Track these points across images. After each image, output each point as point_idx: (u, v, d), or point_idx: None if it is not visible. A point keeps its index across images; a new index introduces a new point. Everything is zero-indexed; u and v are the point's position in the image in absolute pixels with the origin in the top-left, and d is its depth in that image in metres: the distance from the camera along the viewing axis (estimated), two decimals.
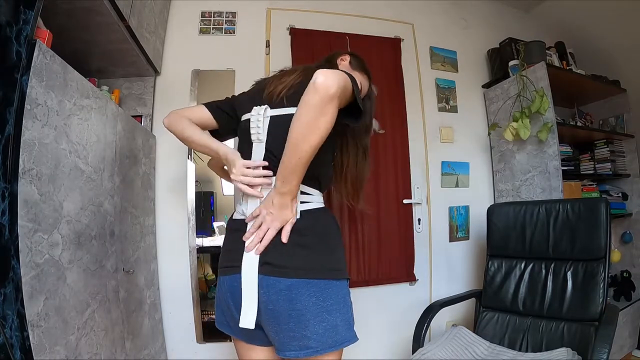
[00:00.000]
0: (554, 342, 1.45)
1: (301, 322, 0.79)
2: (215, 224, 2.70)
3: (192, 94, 1.85)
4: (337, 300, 0.82)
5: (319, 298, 0.80)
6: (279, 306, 0.79)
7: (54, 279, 0.87)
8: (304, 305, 0.78)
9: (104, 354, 1.08)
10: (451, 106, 2.27)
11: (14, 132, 0.77)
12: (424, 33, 2.25)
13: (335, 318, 0.81)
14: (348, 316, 0.85)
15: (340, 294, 0.83)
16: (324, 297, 0.80)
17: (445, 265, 2.15)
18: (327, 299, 0.80)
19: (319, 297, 0.80)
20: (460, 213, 2.20)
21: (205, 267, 2.61)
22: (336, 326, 0.80)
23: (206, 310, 2.08)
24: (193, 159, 1.87)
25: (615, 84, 2.46)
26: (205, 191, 2.21)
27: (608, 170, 2.32)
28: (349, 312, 0.86)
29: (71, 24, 1.24)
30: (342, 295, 0.84)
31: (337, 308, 0.82)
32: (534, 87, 1.98)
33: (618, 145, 2.43)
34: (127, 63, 1.59)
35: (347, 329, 0.83)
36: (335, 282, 0.83)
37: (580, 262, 1.53)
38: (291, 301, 0.79)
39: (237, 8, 1.97)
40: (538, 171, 2.02)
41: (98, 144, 1.14)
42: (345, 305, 0.85)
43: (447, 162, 2.20)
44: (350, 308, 0.87)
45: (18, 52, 0.79)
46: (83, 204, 1.04)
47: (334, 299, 0.82)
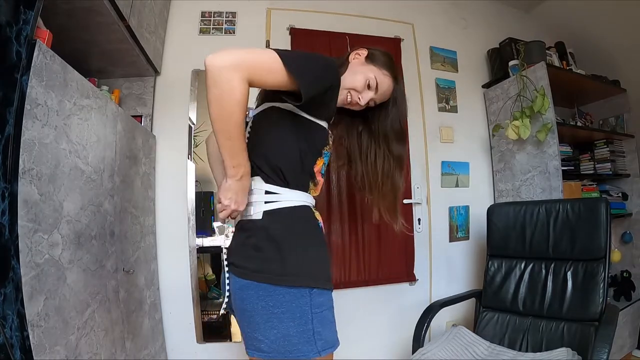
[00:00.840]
0: (554, 342, 1.45)
1: (252, 323, 0.79)
2: (215, 224, 2.69)
3: (192, 94, 1.85)
4: (289, 308, 0.76)
5: (268, 303, 0.76)
6: (236, 304, 0.82)
7: (54, 279, 0.87)
8: (253, 307, 0.77)
9: (104, 354, 1.08)
10: (451, 106, 2.27)
11: (14, 132, 0.77)
12: (424, 33, 2.25)
13: (288, 327, 0.76)
14: (307, 328, 0.77)
15: (295, 302, 0.77)
16: (273, 302, 0.76)
17: (445, 265, 2.14)
18: (277, 306, 0.76)
19: (268, 302, 0.76)
20: (460, 213, 2.20)
21: (205, 267, 2.61)
22: (288, 336, 0.76)
23: (206, 310, 2.08)
24: (193, 159, 1.87)
25: (615, 84, 2.46)
26: (205, 191, 2.21)
27: (608, 170, 2.32)
28: (309, 323, 0.77)
29: (71, 24, 1.24)
30: (297, 305, 0.77)
31: (290, 317, 0.76)
32: (534, 87, 1.98)
33: (618, 145, 2.43)
34: (127, 63, 1.59)
35: (305, 341, 0.77)
36: (286, 289, 0.77)
37: (580, 262, 1.53)
38: (243, 301, 0.79)
39: (237, 8, 1.97)
40: (538, 171, 2.02)
41: (98, 144, 1.14)
42: (303, 315, 0.77)
43: (447, 162, 2.20)
44: (311, 320, 0.77)
45: (18, 52, 0.79)
46: (83, 204, 1.03)
47: (286, 306, 0.76)
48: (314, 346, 0.77)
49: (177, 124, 1.81)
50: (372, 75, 0.95)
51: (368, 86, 0.95)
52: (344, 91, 0.95)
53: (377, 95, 0.97)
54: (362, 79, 0.95)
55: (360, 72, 0.96)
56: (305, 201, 0.88)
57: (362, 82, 0.95)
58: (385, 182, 1.05)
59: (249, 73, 0.72)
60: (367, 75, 0.95)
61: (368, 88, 0.96)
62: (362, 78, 0.95)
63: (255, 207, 0.85)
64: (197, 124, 1.89)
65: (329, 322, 0.82)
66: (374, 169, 1.05)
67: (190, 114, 1.84)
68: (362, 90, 0.96)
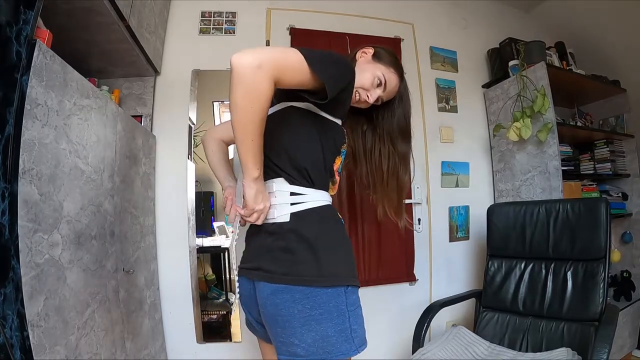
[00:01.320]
0: (554, 342, 1.45)
1: (287, 328, 0.77)
2: (215, 224, 2.69)
3: (192, 94, 1.85)
4: (327, 309, 0.76)
5: (305, 306, 0.75)
6: (267, 310, 0.79)
7: (54, 279, 0.87)
8: (289, 312, 0.76)
9: (104, 354, 1.08)
10: (451, 106, 2.27)
11: (14, 132, 0.77)
12: (424, 33, 2.25)
13: (327, 328, 0.76)
14: (345, 326, 0.78)
15: (332, 302, 0.77)
16: (310, 305, 0.75)
17: (445, 265, 2.14)
18: (314, 308, 0.75)
19: (305, 304, 0.75)
20: (460, 213, 2.20)
21: (205, 267, 2.61)
22: (328, 337, 0.75)
23: (206, 310, 2.08)
24: (193, 159, 1.87)
25: (615, 84, 2.46)
26: (205, 191, 2.21)
27: (608, 170, 2.32)
28: (347, 322, 0.78)
29: (71, 24, 1.23)
30: (335, 304, 0.77)
31: (328, 317, 0.76)
32: (534, 87, 1.98)
33: (618, 145, 2.43)
34: (127, 63, 1.59)
35: (344, 340, 0.77)
36: (323, 290, 0.76)
37: (580, 262, 1.53)
38: (276, 307, 0.77)
39: (237, 8, 1.97)
40: (538, 171, 2.02)
41: (98, 144, 1.14)
42: (341, 314, 0.77)
43: (447, 162, 2.20)
44: (348, 318, 0.78)
45: (18, 52, 0.79)
46: (83, 204, 1.03)
47: (324, 307, 0.76)
48: (352, 344, 0.78)
49: (177, 124, 1.81)
50: (379, 73, 0.96)
51: (377, 84, 0.97)
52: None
53: (384, 93, 0.98)
54: (370, 76, 0.96)
55: (368, 70, 0.97)
56: (328, 200, 0.89)
57: (370, 80, 0.96)
58: (391, 180, 1.06)
59: (276, 72, 0.70)
60: (375, 73, 0.96)
61: (377, 86, 0.97)
62: (370, 76, 0.96)
63: (280, 209, 0.83)
64: (197, 124, 1.89)
65: (361, 319, 0.83)
66: (378, 168, 1.06)
67: (190, 114, 1.84)
68: (370, 88, 0.97)
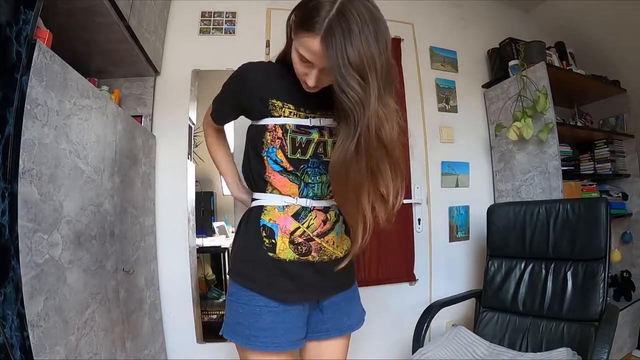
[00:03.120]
0: (554, 342, 1.45)
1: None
2: (215, 224, 2.70)
3: (192, 94, 1.85)
4: (227, 298, 0.90)
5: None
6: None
7: (54, 279, 0.87)
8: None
9: (104, 354, 1.08)
10: (451, 106, 2.27)
11: (14, 132, 0.77)
12: (424, 33, 2.25)
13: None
14: (227, 318, 0.87)
15: (229, 291, 0.90)
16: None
17: (445, 265, 2.14)
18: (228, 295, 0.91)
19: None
20: (460, 213, 2.20)
21: (205, 267, 2.61)
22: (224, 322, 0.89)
23: (206, 310, 2.08)
24: (193, 159, 1.87)
25: (615, 84, 2.46)
26: (205, 191, 2.22)
27: (608, 170, 2.32)
28: (229, 313, 0.87)
29: (71, 24, 1.23)
30: (228, 293, 0.90)
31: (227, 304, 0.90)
32: (534, 86, 1.99)
33: (618, 145, 2.42)
34: (127, 63, 1.59)
35: (225, 329, 0.87)
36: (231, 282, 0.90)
37: (580, 262, 1.53)
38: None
39: (237, 8, 1.97)
40: (538, 171, 2.02)
41: (98, 144, 1.14)
42: (229, 305, 0.88)
43: (447, 162, 2.20)
44: (229, 310, 0.87)
45: (18, 52, 0.79)
46: (83, 204, 1.04)
47: (228, 297, 0.90)
48: (228, 334, 0.87)
49: (177, 124, 1.81)
50: (294, 53, 0.77)
51: (304, 64, 0.77)
52: (301, 80, 0.82)
53: (317, 63, 0.74)
54: (294, 61, 0.78)
55: (292, 54, 0.79)
56: (260, 200, 0.89)
57: (295, 65, 0.79)
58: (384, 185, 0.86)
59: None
60: (293, 55, 0.78)
61: (305, 66, 0.77)
62: (294, 60, 0.78)
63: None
64: (197, 124, 1.89)
65: (233, 312, 0.87)
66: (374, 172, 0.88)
67: (190, 114, 1.84)
68: (301, 72, 0.79)
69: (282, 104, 0.85)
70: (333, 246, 0.89)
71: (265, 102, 0.85)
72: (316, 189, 0.87)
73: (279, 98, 0.85)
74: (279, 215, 0.86)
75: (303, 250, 0.85)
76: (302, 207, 0.86)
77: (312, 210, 0.87)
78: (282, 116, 0.85)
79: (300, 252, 0.85)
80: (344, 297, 0.95)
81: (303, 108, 0.86)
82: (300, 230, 0.85)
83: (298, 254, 0.85)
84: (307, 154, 0.85)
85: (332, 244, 0.88)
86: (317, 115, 0.87)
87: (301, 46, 0.74)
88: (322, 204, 0.88)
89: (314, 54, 0.72)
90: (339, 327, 0.95)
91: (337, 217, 0.90)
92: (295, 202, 0.86)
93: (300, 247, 0.85)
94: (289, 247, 0.84)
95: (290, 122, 0.85)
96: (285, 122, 0.84)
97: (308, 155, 0.85)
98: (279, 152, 0.84)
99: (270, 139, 0.84)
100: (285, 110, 0.85)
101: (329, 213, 0.89)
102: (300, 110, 0.86)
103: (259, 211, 0.88)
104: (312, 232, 0.86)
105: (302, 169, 0.85)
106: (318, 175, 0.86)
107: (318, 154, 0.86)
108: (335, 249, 0.89)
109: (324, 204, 0.88)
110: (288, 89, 0.86)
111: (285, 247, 0.84)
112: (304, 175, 0.85)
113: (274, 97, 0.85)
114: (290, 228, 0.85)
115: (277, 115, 0.85)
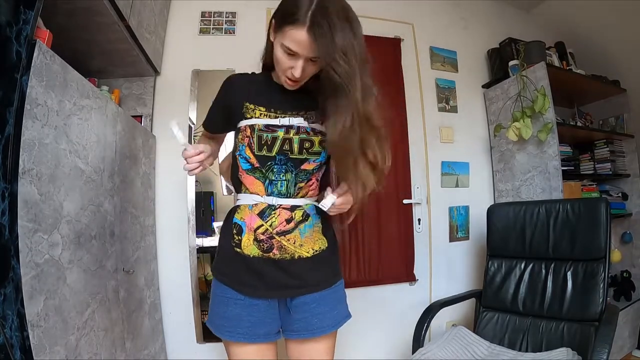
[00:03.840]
0: (554, 342, 1.45)
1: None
2: (215, 224, 2.69)
3: (192, 94, 1.85)
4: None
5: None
6: None
7: (54, 279, 0.87)
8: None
9: (104, 354, 1.08)
10: (451, 106, 2.27)
11: (14, 132, 0.77)
12: (424, 33, 2.25)
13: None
14: (209, 308, 0.96)
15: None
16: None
17: (445, 265, 2.15)
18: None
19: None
20: (460, 213, 2.20)
21: (205, 267, 2.61)
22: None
23: (206, 310, 2.07)
24: None
25: (615, 84, 2.46)
26: (205, 191, 2.21)
27: (608, 170, 2.32)
28: (210, 304, 0.96)
29: (71, 24, 1.23)
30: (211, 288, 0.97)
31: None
32: (534, 87, 1.99)
33: (618, 145, 2.43)
34: (127, 63, 1.59)
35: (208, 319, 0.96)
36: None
37: (580, 262, 1.53)
38: None
39: (237, 8, 1.97)
40: (538, 171, 2.02)
41: (98, 144, 1.14)
42: (211, 297, 0.96)
43: (447, 162, 2.20)
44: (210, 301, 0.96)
45: (18, 52, 0.79)
46: (83, 204, 1.03)
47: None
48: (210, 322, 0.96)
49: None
50: (279, 47, 0.81)
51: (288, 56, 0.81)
52: (282, 77, 0.87)
53: (303, 54, 0.79)
54: (278, 56, 0.82)
55: (275, 50, 0.83)
56: (238, 201, 0.96)
57: (279, 61, 0.83)
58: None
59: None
60: (277, 50, 0.82)
61: (290, 58, 0.81)
62: (277, 56, 0.82)
63: None
64: (197, 124, 1.89)
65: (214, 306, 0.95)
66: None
67: (190, 114, 1.84)
68: (286, 66, 0.82)
69: (254, 106, 0.92)
70: (294, 245, 0.90)
71: (241, 106, 0.93)
72: (279, 186, 0.91)
73: (252, 101, 0.93)
74: (248, 213, 0.92)
75: (265, 247, 0.89)
76: (267, 205, 0.91)
77: (277, 208, 0.91)
78: (253, 117, 0.92)
79: (263, 248, 0.89)
80: (316, 298, 0.94)
81: (274, 109, 0.92)
82: (263, 227, 0.90)
83: (261, 251, 0.89)
84: (272, 150, 0.90)
85: (293, 243, 0.90)
86: (286, 115, 0.92)
87: (287, 39, 0.80)
88: (289, 203, 0.91)
89: (299, 44, 0.79)
90: (308, 328, 0.93)
91: (304, 217, 0.92)
92: (262, 200, 0.91)
93: (262, 244, 0.89)
94: (253, 244, 0.90)
95: (259, 123, 0.91)
96: (255, 123, 0.91)
97: (274, 152, 0.90)
98: (247, 149, 0.91)
99: (240, 137, 0.92)
100: (256, 112, 0.92)
101: (295, 212, 0.91)
102: (271, 111, 0.92)
103: (234, 210, 0.96)
104: (272, 230, 0.90)
105: (269, 166, 0.90)
106: (283, 173, 0.90)
107: (284, 150, 0.90)
108: (297, 248, 0.91)
109: (292, 203, 0.92)
110: (262, 93, 0.94)
111: (249, 244, 0.90)
112: (268, 172, 0.90)
113: (247, 101, 0.93)
114: (254, 225, 0.90)
115: (249, 117, 0.92)
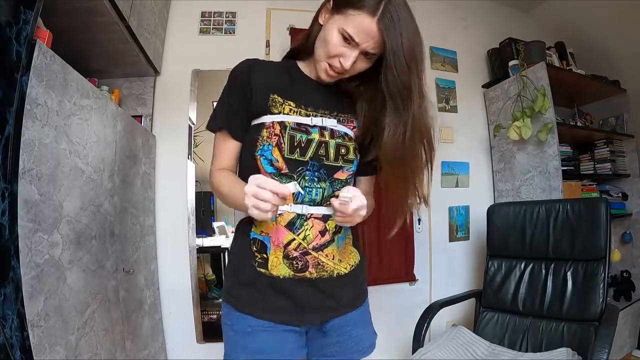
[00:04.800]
0: (554, 342, 1.45)
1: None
2: (215, 224, 2.70)
3: (192, 94, 1.85)
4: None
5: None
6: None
7: (54, 279, 0.87)
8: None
9: (104, 354, 1.08)
10: (451, 106, 2.27)
11: (14, 132, 0.77)
12: (423, 33, 2.21)
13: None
14: (224, 348, 0.80)
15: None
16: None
17: (445, 265, 2.14)
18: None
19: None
20: (460, 213, 2.20)
21: (205, 267, 2.61)
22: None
23: (206, 310, 2.08)
24: (193, 159, 1.87)
25: (615, 84, 2.46)
26: (205, 191, 2.21)
27: (608, 170, 2.32)
28: (224, 341, 0.80)
29: (71, 24, 1.24)
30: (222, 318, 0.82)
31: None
32: (534, 87, 1.98)
33: (618, 145, 2.42)
34: (127, 63, 1.59)
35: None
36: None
37: (580, 262, 1.53)
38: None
39: (237, 8, 1.97)
40: (538, 171, 2.02)
41: (98, 144, 1.14)
42: (223, 331, 0.80)
43: (447, 162, 2.20)
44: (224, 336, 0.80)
45: (18, 52, 0.79)
46: (83, 204, 1.03)
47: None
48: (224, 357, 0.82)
49: (177, 124, 1.81)
50: (335, 31, 0.72)
51: (342, 42, 0.72)
52: (323, 64, 0.76)
53: (363, 45, 0.72)
54: (330, 40, 0.73)
55: (327, 32, 0.73)
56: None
57: (330, 45, 0.73)
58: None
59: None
60: (331, 33, 0.72)
61: (344, 45, 0.72)
62: (330, 39, 0.73)
63: None
64: (197, 124, 1.89)
65: (229, 339, 0.79)
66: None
67: (190, 114, 1.84)
68: (337, 52, 0.73)
69: (282, 100, 0.79)
70: (333, 261, 0.78)
71: (265, 97, 0.79)
72: (314, 194, 0.77)
73: (280, 94, 0.79)
74: (272, 226, 0.76)
75: (299, 266, 0.75)
76: (297, 215, 0.76)
77: (308, 218, 0.76)
78: (282, 113, 0.78)
79: (296, 268, 0.75)
80: (352, 319, 0.83)
81: (304, 106, 0.80)
82: (295, 242, 0.75)
83: (293, 270, 0.75)
84: (306, 154, 0.76)
85: (331, 259, 0.78)
86: (318, 114, 0.80)
87: (350, 24, 0.70)
88: (321, 211, 0.77)
89: (367, 34, 0.70)
90: (344, 352, 0.82)
91: (338, 227, 0.80)
92: (289, 209, 0.75)
93: (295, 262, 0.75)
94: (283, 263, 0.75)
95: (289, 120, 0.78)
96: (284, 119, 0.78)
97: (308, 157, 0.76)
98: (275, 150, 0.75)
99: (266, 135, 0.76)
100: (285, 107, 0.79)
101: (328, 222, 0.78)
102: (302, 107, 0.80)
103: (249, 222, 0.80)
104: (308, 245, 0.76)
105: (299, 172, 0.76)
106: (316, 181, 0.77)
107: (319, 155, 0.77)
108: (336, 264, 0.79)
109: (323, 212, 0.78)
110: (291, 85, 0.82)
111: (278, 263, 0.75)
112: (300, 179, 0.76)
113: (275, 93, 0.79)
114: (283, 240, 0.75)
115: (277, 112, 0.78)
